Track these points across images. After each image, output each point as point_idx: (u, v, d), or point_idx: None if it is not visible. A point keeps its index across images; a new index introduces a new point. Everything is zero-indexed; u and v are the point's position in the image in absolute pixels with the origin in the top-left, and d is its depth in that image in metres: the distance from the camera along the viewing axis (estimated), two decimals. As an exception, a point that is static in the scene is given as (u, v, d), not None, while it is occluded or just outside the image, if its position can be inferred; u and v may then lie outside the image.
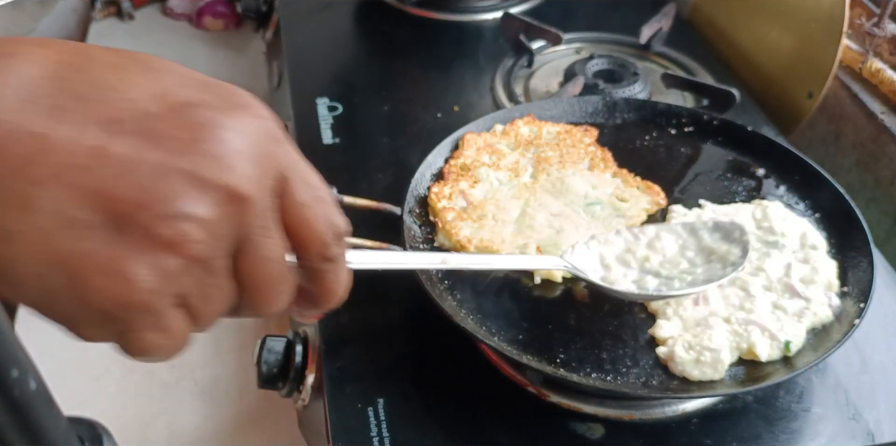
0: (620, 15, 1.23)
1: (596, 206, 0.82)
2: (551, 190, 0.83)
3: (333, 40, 1.22)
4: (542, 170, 0.85)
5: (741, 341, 0.69)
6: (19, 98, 0.32)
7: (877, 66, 1.03)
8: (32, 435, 0.32)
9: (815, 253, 0.77)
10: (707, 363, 0.68)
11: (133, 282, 0.32)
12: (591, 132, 0.90)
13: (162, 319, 0.34)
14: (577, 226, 0.79)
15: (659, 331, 0.71)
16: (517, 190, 0.83)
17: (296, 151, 0.39)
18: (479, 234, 0.77)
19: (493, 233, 0.78)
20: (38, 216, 0.31)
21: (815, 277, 0.74)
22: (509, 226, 0.79)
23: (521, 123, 0.90)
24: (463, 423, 0.70)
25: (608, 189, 0.84)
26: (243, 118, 0.35)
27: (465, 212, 0.79)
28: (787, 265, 0.75)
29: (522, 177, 0.85)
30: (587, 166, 0.86)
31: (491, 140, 0.88)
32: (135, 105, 0.34)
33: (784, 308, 0.72)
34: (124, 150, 0.33)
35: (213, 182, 0.33)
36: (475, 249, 0.76)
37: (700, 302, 0.73)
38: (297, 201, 0.38)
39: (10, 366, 0.29)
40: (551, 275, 0.75)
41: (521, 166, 0.85)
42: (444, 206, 0.79)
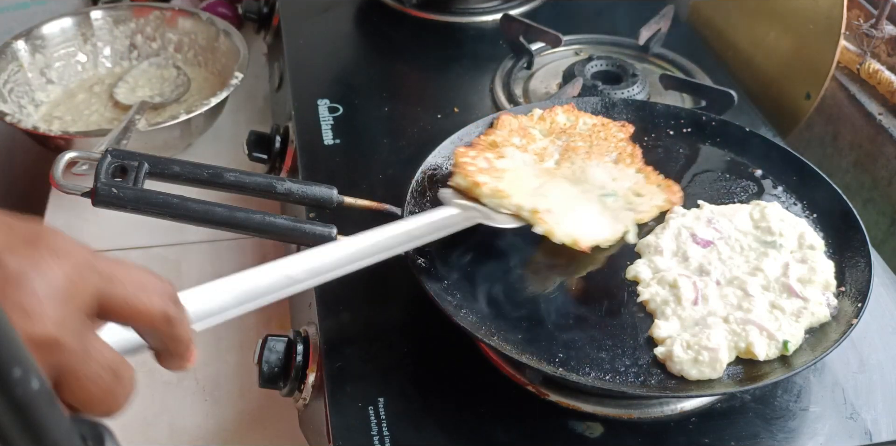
0: (619, 17, 1.23)
1: (609, 198, 0.82)
2: (571, 177, 0.84)
3: (334, 42, 1.23)
4: (568, 158, 0.86)
5: (739, 341, 0.70)
6: None
7: (874, 66, 1.03)
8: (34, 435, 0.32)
9: (813, 253, 0.77)
10: (705, 362, 0.68)
11: None
12: (628, 128, 0.91)
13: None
14: (589, 211, 0.80)
15: (657, 331, 0.71)
16: (539, 171, 0.84)
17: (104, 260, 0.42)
18: (494, 183, 0.78)
19: (508, 187, 0.78)
20: None
21: (812, 277, 0.74)
22: (525, 190, 0.80)
23: (560, 111, 0.91)
24: (463, 422, 0.71)
25: (627, 183, 0.84)
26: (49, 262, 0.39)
27: (485, 170, 0.80)
28: (784, 265, 0.75)
29: (546, 162, 0.86)
30: (613, 159, 0.87)
31: (526, 123, 0.89)
32: None
33: (782, 307, 0.72)
34: None
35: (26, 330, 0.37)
36: (488, 191, 0.77)
37: (699, 301, 0.73)
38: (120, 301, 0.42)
39: (13, 366, 0.30)
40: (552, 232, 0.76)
41: (547, 152, 0.87)
42: (467, 161, 0.80)
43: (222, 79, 1.23)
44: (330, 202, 0.77)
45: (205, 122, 1.18)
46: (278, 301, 0.99)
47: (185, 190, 0.72)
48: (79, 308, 0.40)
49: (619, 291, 0.76)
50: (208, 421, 0.88)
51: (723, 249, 0.78)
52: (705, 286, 0.74)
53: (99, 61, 1.30)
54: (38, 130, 1.07)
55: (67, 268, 0.40)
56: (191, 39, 1.31)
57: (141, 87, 1.25)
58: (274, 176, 0.85)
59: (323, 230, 0.72)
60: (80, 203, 0.69)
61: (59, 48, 1.26)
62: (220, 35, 1.27)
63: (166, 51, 1.32)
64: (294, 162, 0.98)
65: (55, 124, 1.18)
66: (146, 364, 0.68)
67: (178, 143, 1.18)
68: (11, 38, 1.21)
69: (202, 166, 0.73)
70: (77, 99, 1.24)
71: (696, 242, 0.78)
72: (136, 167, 0.69)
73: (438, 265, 0.76)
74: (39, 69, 1.24)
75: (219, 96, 1.14)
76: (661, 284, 0.75)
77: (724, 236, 0.79)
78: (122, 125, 1.07)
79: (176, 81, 1.26)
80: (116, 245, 1.07)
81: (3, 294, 0.38)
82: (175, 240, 1.07)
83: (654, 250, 0.78)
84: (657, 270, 0.76)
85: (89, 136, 1.08)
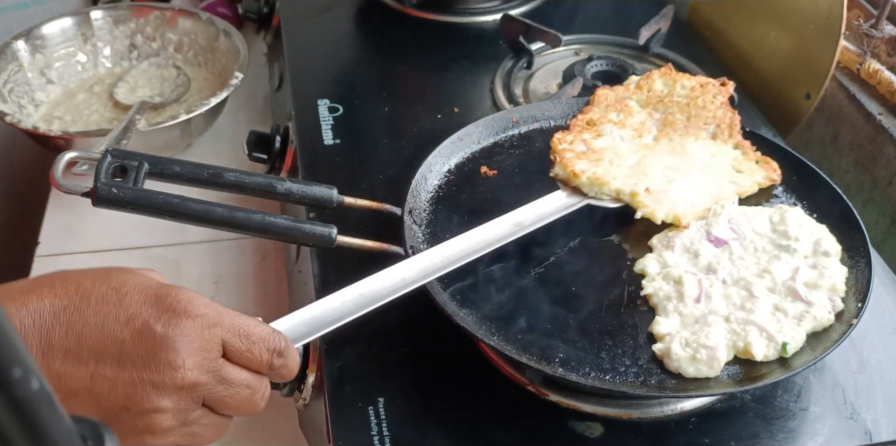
0: (619, 16, 1.23)
1: (712, 171, 0.84)
2: (670, 151, 0.86)
3: (334, 42, 1.23)
4: (666, 133, 0.88)
5: (738, 340, 0.70)
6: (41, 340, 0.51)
7: (874, 66, 1.03)
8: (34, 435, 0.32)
9: (827, 259, 0.77)
10: (703, 360, 0.68)
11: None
12: (728, 88, 0.92)
13: None
14: (691, 182, 0.82)
15: (657, 328, 0.71)
16: (637, 147, 0.86)
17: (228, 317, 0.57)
18: (593, 169, 0.80)
19: (607, 171, 0.81)
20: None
21: (820, 282, 0.74)
22: (623, 170, 0.82)
23: (657, 75, 0.92)
24: (463, 422, 0.71)
25: (726, 159, 0.86)
26: (185, 324, 0.54)
27: (583, 154, 0.83)
28: (794, 269, 0.75)
29: (645, 138, 0.87)
30: (711, 133, 0.88)
31: (623, 94, 0.91)
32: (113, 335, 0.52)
33: (785, 310, 0.72)
34: (108, 373, 0.51)
35: (168, 382, 0.52)
36: (587, 180, 0.80)
37: (702, 299, 0.73)
38: (238, 352, 0.57)
39: (13, 366, 0.30)
40: (653, 214, 0.79)
41: (645, 128, 0.88)
42: (565, 148, 0.83)
43: (222, 79, 1.23)
44: (330, 202, 0.77)
45: (205, 122, 1.18)
46: (278, 300, 1.00)
47: (185, 190, 0.72)
48: (211, 354, 0.55)
49: (622, 289, 0.76)
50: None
51: (735, 250, 0.78)
52: (710, 284, 0.74)
53: (99, 61, 1.30)
54: (38, 130, 1.07)
55: (199, 328, 0.54)
56: (191, 39, 1.31)
57: (141, 87, 1.25)
58: (274, 176, 0.85)
59: (323, 230, 0.72)
60: (80, 203, 0.69)
61: (59, 48, 1.26)
62: (220, 35, 1.27)
63: (166, 51, 1.32)
64: (294, 162, 0.98)
65: (55, 124, 1.18)
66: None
67: (178, 143, 1.18)
68: (11, 38, 1.21)
69: (202, 166, 0.73)
70: (77, 99, 1.24)
71: (710, 241, 0.78)
72: (136, 167, 0.69)
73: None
74: (39, 69, 1.24)
75: (219, 96, 1.14)
76: (666, 279, 0.75)
77: (739, 237, 0.79)
78: (122, 125, 1.07)
79: (176, 81, 1.26)
80: (116, 245, 1.07)
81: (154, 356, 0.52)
82: (175, 240, 1.07)
83: (666, 245, 0.78)
84: (665, 265, 0.77)
85: (89, 136, 1.08)
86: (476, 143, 0.91)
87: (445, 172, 0.87)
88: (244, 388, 0.57)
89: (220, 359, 0.56)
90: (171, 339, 0.53)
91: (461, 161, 0.89)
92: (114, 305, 0.53)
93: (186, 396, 0.54)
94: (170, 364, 0.52)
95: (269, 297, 1.01)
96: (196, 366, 0.53)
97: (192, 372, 0.53)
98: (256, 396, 0.58)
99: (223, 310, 0.57)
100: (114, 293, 0.54)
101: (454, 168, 0.88)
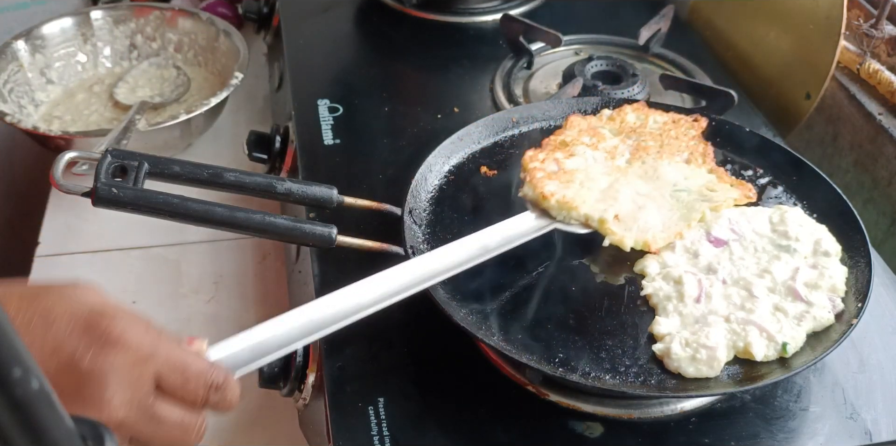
0: (619, 17, 1.23)
1: (683, 192, 0.82)
2: (642, 176, 0.84)
3: (334, 42, 1.23)
4: (639, 157, 0.86)
5: (738, 340, 0.70)
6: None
7: (874, 66, 1.03)
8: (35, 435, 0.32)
9: (827, 259, 0.77)
10: (703, 360, 0.68)
11: None
12: (700, 123, 0.90)
13: None
14: (660, 207, 0.81)
15: (657, 328, 0.71)
16: (609, 169, 0.84)
17: (165, 349, 0.52)
18: (563, 192, 0.78)
19: (577, 194, 0.79)
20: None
21: (820, 282, 0.74)
22: (594, 193, 0.80)
23: (630, 110, 0.91)
24: (463, 422, 0.71)
25: (700, 181, 0.84)
26: (115, 357, 0.49)
27: (554, 175, 0.81)
28: (794, 269, 0.75)
29: (618, 160, 0.86)
30: (685, 159, 0.87)
31: (595, 124, 0.89)
32: (43, 366, 0.44)
33: (785, 310, 0.72)
34: None
35: (97, 419, 0.45)
36: (556, 204, 0.77)
37: (702, 299, 0.73)
38: (173, 387, 0.52)
39: (13, 366, 0.30)
40: (622, 242, 0.77)
41: (618, 151, 0.87)
42: (536, 167, 0.81)
43: (222, 79, 1.23)
44: (330, 202, 0.77)
45: (205, 122, 1.18)
46: (277, 301, 1.00)
47: (185, 190, 0.72)
48: (142, 390, 0.51)
49: (622, 289, 0.76)
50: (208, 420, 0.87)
51: (735, 250, 0.78)
52: (710, 284, 0.74)
53: (99, 61, 1.30)
54: (38, 130, 1.07)
55: (130, 360, 0.50)
56: (191, 39, 1.31)
57: (141, 87, 1.25)
58: (274, 176, 0.85)
59: (323, 230, 0.72)
60: (80, 203, 0.69)
61: (59, 48, 1.26)
62: (220, 35, 1.27)
63: (166, 51, 1.32)
64: (294, 162, 0.98)
65: (55, 124, 1.18)
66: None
67: (178, 143, 1.18)
68: (11, 38, 1.21)
69: (202, 166, 0.73)
70: (77, 99, 1.24)
71: (710, 241, 0.78)
72: (136, 167, 0.69)
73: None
74: (39, 69, 1.24)
75: (219, 96, 1.14)
76: (666, 279, 0.75)
77: (739, 237, 0.79)
78: (122, 125, 1.07)
79: (176, 81, 1.26)
80: (116, 245, 1.07)
81: (80, 391, 0.48)
82: (175, 240, 1.07)
83: (666, 245, 0.78)
84: (665, 265, 0.77)
85: (89, 136, 1.08)
86: (476, 143, 0.91)
87: (445, 172, 0.87)
88: (175, 427, 0.53)
89: (150, 396, 0.51)
90: (99, 373, 0.49)
91: (461, 161, 0.89)
92: (39, 334, 0.49)
93: (118, 434, 0.49)
94: (96, 400, 0.48)
95: (269, 297, 1.01)
96: (124, 403, 0.49)
97: (119, 410, 0.49)
98: (189, 435, 0.54)
99: (161, 340, 0.53)
100: (39, 319, 0.50)
101: (454, 168, 0.88)
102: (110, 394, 0.49)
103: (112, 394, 0.49)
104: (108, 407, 0.48)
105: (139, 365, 0.50)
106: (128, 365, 0.50)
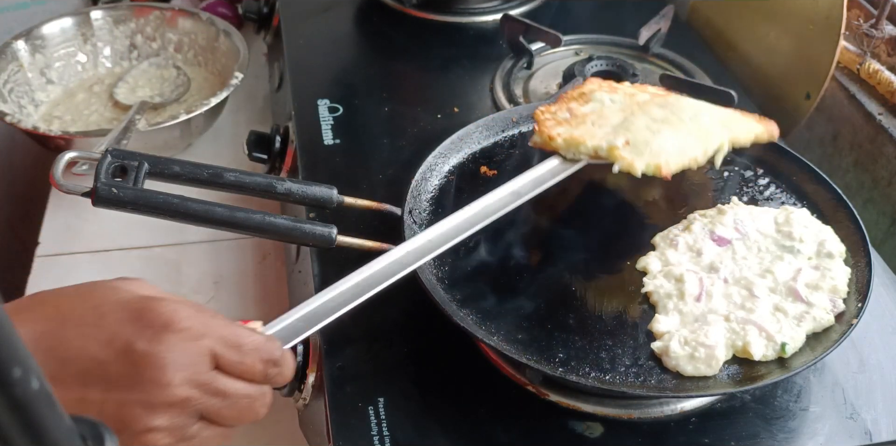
0: (619, 17, 1.23)
1: (704, 116, 0.80)
2: (663, 104, 0.82)
3: (334, 42, 1.23)
4: (661, 95, 0.84)
5: (737, 339, 0.70)
6: None
7: (874, 66, 1.03)
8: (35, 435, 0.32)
9: (831, 261, 0.76)
10: (701, 359, 0.68)
11: None
12: None
13: None
14: (676, 132, 0.78)
15: (657, 326, 0.72)
16: (625, 106, 0.82)
17: (217, 327, 0.54)
18: (570, 131, 0.77)
19: (586, 132, 0.77)
20: None
21: (821, 283, 0.74)
22: (605, 129, 0.78)
23: (651, 87, 0.88)
24: (463, 422, 0.71)
25: (723, 113, 0.83)
26: (169, 339, 0.51)
27: (565, 121, 0.79)
28: (797, 270, 0.75)
29: (639, 96, 0.83)
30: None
31: (615, 85, 0.87)
32: (96, 357, 0.50)
33: (785, 310, 0.72)
34: (96, 396, 0.49)
35: (158, 401, 0.50)
36: (562, 142, 0.76)
37: (702, 298, 0.73)
38: (231, 363, 0.54)
39: (12, 366, 0.30)
40: (632, 166, 0.75)
41: (640, 89, 0.85)
42: (546, 118, 0.80)
43: (222, 79, 1.23)
44: (330, 202, 0.77)
45: (205, 122, 1.18)
46: (278, 300, 0.99)
47: (185, 190, 0.72)
48: (200, 367, 0.52)
49: (622, 288, 0.76)
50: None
51: (739, 249, 0.78)
52: (711, 283, 0.74)
53: (99, 61, 1.30)
54: (38, 130, 1.07)
55: (184, 341, 0.51)
56: (191, 39, 1.31)
57: (141, 87, 1.25)
58: (274, 176, 0.85)
59: (323, 230, 0.72)
60: (80, 203, 0.69)
61: (59, 48, 1.26)
62: (220, 35, 1.27)
63: (166, 51, 1.32)
64: (294, 162, 0.98)
65: (55, 124, 1.18)
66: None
67: (178, 143, 1.18)
68: (11, 38, 1.21)
69: (202, 166, 0.73)
70: (77, 99, 1.24)
71: (713, 240, 0.78)
72: (136, 167, 0.69)
73: (438, 265, 0.76)
74: (39, 69, 1.24)
75: (219, 96, 1.14)
76: (668, 277, 0.75)
77: (743, 237, 0.79)
78: (122, 125, 1.07)
79: (176, 81, 1.26)
80: (116, 245, 1.07)
81: (140, 376, 0.50)
82: (175, 240, 1.07)
83: (669, 243, 0.78)
84: (667, 263, 0.77)
85: (89, 136, 1.08)
86: (476, 143, 0.91)
87: (445, 172, 0.87)
88: (242, 398, 0.54)
89: (210, 372, 0.53)
90: (155, 356, 0.50)
91: (461, 161, 0.89)
92: (93, 326, 0.51)
93: (180, 413, 0.51)
94: (157, 382, 0.50)
95: (269, 297, 1.01)
96: (185, 382, 0.51)
97: (182, 389, 0.51)
98: (256, 404, 0.56)
99: (211, 321, 0.54)
100: (92, 312, 0.52)
101: (454, 168, 0.88)
102: (170, 375, 0.50)
103: (172, 375, 0.50)
104: (169, 387, 0.50)
105: (194, 343, 0.52)
106: (182, 344, 0.51)
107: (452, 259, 0.77)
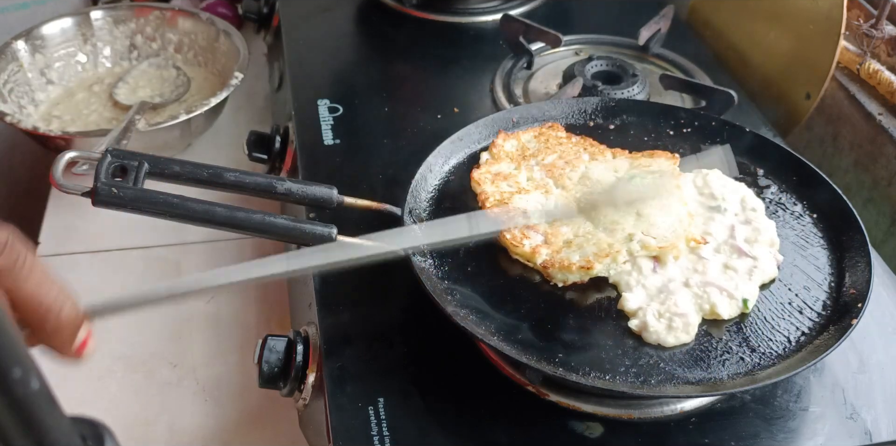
0: (619, 17, 1.23)
1: (637, 179, 0.82)
2: (587, 191, 0.82)
3: (334, 42, 1.23)
4: (560, 176, 0.84)
5: (703, 302, 0.73)
6: None
7: (874, 67, 1.03)
8: (35, 435, 0.32)
9: (755, 214, 0.81)
10: (679, 328, 0.71)
11: None
12: (556, 126, 0.91)
13: None
14: (654, 205, 0.78)
15: (627, 304, 0.73)
16: (557, 206, 0.81)
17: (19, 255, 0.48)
18: (550, 255, 0.76)
19: (560, 258, 0.76)
20: None
21: (757, 237, 0.78)
22: (571, 252, 0.77)
23: (501, 142, 0.88)
24: (463, 422, 0.71)
25: (626, 166, 0.85)
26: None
27: (527, 234, 0.78)
28: (730, 227, 0.79)
29: (552, 192, 0.83)
30: (587, 158, 0.87)
31: (493, 169, 0.85)
32: None
33: (735, 268, 0.76)
34: None
35: None
36: (552, 268, 0.75)
37: (657, 268, 0.75)
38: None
39: (13, 366, 0.30)
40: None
41: (539, 181, 0.84)
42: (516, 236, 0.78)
43: (222, 79, 1.23)
44: (330, 202, 0.77)
45: (205, 122, 1.18)
46: (277, 300, 1.00)
47: (185, 190, 0.72)
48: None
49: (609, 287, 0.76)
50: (208, 421, 0.88)
51: None
52: None
53: (99, 61, 1.30)
54: (38, 130, 1.07)
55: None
56: (191, 39, 1.31)
57: (141, 87, 1.25)
58: (274, 176, 0.85)
59: (323, 230, 0.72)
60: (80, 203, 0.69)
61: (59, 48, 1.26)
62: (220, 35, 1.27)
63: (166, 51, 1.32)
64: (294, 162, 0.98)
65: (55, 124, 1.18)
66: (146, 363, 0.67)
67: (178, 143, 1.18)
68: (11, 38, 1.21)
69: (202, 166, 0.73)
70: (77, 99, 1.24)
71: None
72: (136, 167, 0.69)
73: (438, 265, 0.76)
74: (39, 69, 1.24)
75: (219, 96, 1.14)
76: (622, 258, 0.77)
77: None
78: (122, 125, 1.07)
79: (176, 81, 1.26)
80: (116, 245, 1.07)
81: None
82: (175, 240, 1.07)
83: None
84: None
85: (89, 136, 1.08)
86: (476, 143, 0.91)
87: (445, 172, 0.88)
88: None
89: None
90: None
91: (461, 161, 0.89)
92: None
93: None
94: None
95: (269, 297, 1.01)
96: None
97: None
98: None
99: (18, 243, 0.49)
100: None
101: (454, 168, 0.88)
102: None
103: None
104: None
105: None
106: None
107: (453, 259, 0.77)
